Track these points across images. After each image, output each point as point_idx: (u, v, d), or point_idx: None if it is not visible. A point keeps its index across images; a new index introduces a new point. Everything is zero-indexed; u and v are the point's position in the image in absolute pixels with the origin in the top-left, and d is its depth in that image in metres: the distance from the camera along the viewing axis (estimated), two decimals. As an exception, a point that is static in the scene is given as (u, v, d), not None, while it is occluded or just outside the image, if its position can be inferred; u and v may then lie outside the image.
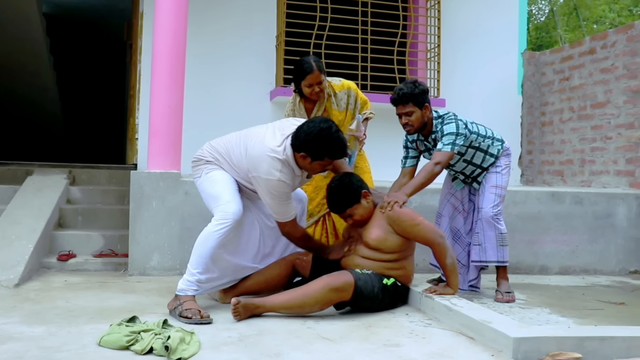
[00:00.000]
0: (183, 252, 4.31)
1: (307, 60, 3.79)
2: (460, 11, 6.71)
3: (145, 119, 5.75)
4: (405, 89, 3.67)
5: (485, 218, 3.77)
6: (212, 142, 3.50)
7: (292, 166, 3.23)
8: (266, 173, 3.16)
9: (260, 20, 6.24)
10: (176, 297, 3.16)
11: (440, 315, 3.09)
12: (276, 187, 3.17)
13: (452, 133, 3.64)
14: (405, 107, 3.68)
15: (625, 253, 5.24)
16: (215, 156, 3.41)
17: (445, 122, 3.71)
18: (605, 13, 18.85)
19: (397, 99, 3.70)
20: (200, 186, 3.43)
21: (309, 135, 3.13)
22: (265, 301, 3.10)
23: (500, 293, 3.76)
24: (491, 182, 3.82)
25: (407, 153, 4.00)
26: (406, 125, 3.73)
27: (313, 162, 3.20)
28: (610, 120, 5.78)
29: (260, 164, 3.18)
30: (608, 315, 3.48)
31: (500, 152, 3.87)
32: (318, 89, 3.81)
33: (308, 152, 3.16)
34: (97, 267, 4.49)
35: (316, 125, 3.15)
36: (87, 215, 5.12)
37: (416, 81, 3.75)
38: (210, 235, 3.19)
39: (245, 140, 3.32)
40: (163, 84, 4.39)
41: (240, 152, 3.31)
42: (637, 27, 5.55)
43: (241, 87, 6.14)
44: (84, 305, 3.34)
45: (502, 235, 3.78)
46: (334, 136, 3.16)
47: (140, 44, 5.98)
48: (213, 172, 3.38)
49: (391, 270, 3.36)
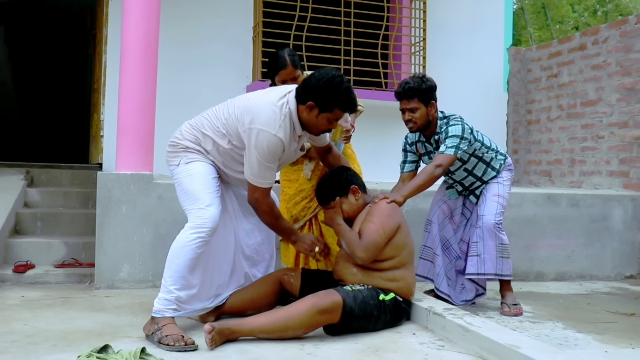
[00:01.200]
0: (156, 262, 3.90)
1: (281, 54, 3.44)
2: (445, 5, 6.42)
3: (112, 114, 5.31)
4: (412, 83, 3.39)
5: (486, 226, 3.48)
6: (191, 121, 3.08)
7: (294, 121, 2.87)
8: (264, 124, 2.78)
9: (237, 9, 5.83)
10: (153, 319, 2.76)
11: (454, 336, 2.76)
12: (269, 143, 2.79)
13: (457, 135, 3.36)
14: (409, 103, 3.39)
15: (620, 257, 5.03)
16: (195, 135, 2.98)
17: (450, 123, 3.43)
18: (568, 13, 18.96)
19: (401, 93, 3.41)
20: (177, 177, 3.00)
21: (320, 81, 2.80)
22: (242, 324, 2.71)
23: (506, 305, 3.49)
24: (493, 191, 3.57)
25: (405, 157, 3.72)
26: (409, 122, 3.44)
27: (320, 115, 2.84)
28: (602, 119, 5.56)
29: (260, 113, 2.80)
30: (625, 330, 3.23)
31: (502, 167, 3.64)
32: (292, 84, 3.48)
33: (317, 100, 2.80)
34: (59, 279, 4.04)
35: (328, 73, 2.84)
36: (48, 221, 4.65)
37: (424, 76, 3.47)
38: (185, 246, 2.80)
39: (239, 100, 2.94)
40: (133, 76, 3.97)
41: (231, 111, 2.91)
42: (631, 22, 5.34)
43: (216, 81, 5.73)
44: (45, 327, 2.90)
45: (502, 245, 3.49)
46: (345, 85, 2.83)
47: (105, 34, 5.51)
48: (193, 164, 2.95)
49: (390, 282, 3.02)
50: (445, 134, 3.42)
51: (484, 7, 6.60)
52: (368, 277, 3.00)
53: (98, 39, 6.06)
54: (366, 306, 2.85)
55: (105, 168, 5.37)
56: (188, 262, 2.80)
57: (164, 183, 3.93)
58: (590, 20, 18.84)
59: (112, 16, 5.42)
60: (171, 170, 3.05)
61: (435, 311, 2.97)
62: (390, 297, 2.98)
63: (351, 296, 2.82)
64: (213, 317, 3.08)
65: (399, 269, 3.07)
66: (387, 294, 2.98)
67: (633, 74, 5.27)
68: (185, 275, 2.81)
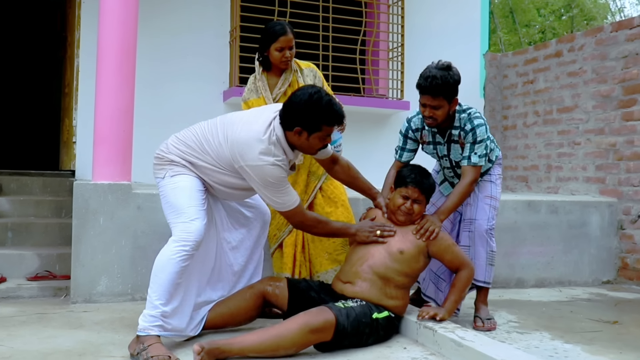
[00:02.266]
0: (136, 274, 3.79)
1: (277, 22, 3.53)
2: (423, 11, 6.41)
3: (85, 120, 5.19)
4: (439, 79, 3.07)
5: (478, 232, 3.41)
6: (179, 134, 3.00)
7: (284, 147, 2.82)
8: (257, 159, 2.73)
9: (213, 13, 5.72)
10: (138, 338, 2.66)
11: (446, 351, 2.73)
12: (271, 172, 2.74)
13: (485, 140, 3.23)
14: (434, 100, 3.12)
15: (598, 263, 5.09)
16: (182, 152, 2.90)
17: (475, 122, 3.22)
18: (535, 17, 19.26)
19: (427, 88, 3.10)
20: (162, 190, 2.92)
21: (299, 105, 2.74)
22: (232, 344, 2.61)
23: (480, 320, 3.38)
24: (485, 192, 3.47)
25: (404, 143, 3.48)
26: (429, 119, 3.21)
27: (310, 137, 2.79)
28: (579, 125, 5.62)
29: (249, 150, 2.74)
30: (612, 339, 3.24)
31: (496, 159, 3.55)
32: (289, 53, 3.52)
33: (303, 124, 2.75)
34: (33, 293, 3.88)
35: (304, 93, 2.77)
36: (19, 231, 4.49)
37: (449, 66, 3.15)
38: (169, 260, 2.71)
39: (224, 128, 2.86)
40: (111, 83, 3.84)
41: (219, 141, 2.84)
42: (606, 31, 5.41)
43: (191, 86, 5.60)
44: (22, 348, 2.77)
45: (492, 253, 3.46)
46: (325, 100, 2.77)
47: (77, 37, 5.35)
48: (179, 177, 2.88)
49: (390, 300, 2.97)
50: (472, 136, 3.21)
51: (460, 13, 6.62)
52: (371, 291, 2.95)
53: (69, 41, 5.89)
54: (359, 324, 2.79)
55: (79, 175, 5.21)
56: (173, 275, 2.71)
57: (143, 193, 3.82)
58: (556, 24, 19.18)
59: (85, 19, 5.27)
60: (157, 183, 2.98)
61: (425, 325, 2.93)
62: (384, 316, 2.93)
63: (344, 314, 2.76)
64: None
65: (405, 289, 3.06)
66: (381, 312, 2.93)
67: (609, 82, 5.33)
68: (170, 289, 2.72)
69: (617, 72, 5.25)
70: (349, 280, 3.02)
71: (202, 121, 3.04)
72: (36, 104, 8.30)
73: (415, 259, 3.02)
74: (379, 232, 3.04)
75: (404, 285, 3.03)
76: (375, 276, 2.96)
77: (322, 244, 3.55)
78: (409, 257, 3.00)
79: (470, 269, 3.10)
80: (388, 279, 2.97)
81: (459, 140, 3.31)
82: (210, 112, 5.59)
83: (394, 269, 2.97)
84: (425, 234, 3.03)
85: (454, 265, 3.10)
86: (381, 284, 2.96)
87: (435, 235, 3.03)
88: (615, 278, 5.14)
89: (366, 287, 2.95)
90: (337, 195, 3.66)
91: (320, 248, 3.56)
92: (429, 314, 2.99)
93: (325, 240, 3.54)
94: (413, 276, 3.08)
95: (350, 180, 3.31)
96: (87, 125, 5.15)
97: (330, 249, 3.55)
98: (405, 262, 2.99)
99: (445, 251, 3.06)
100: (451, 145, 3.37)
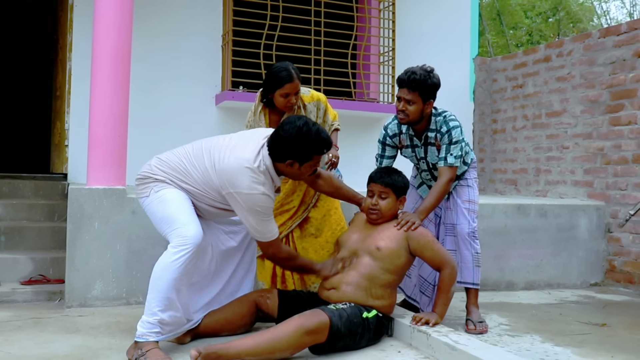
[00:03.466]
0: (130, 278, 3.81)
1: (284, 66, 3.39)
2: (414, 15, 6.47)
3: (78, 124, 5.20)
4: (418, 76, 3.26)
5: (461, 235, 3.50)
6: (161, 156, 3.00)
7: (273, 176, 2.87)
8: (248, 188, 2.76)
9: (205, 17, 5.74)
10: (136, 344, 2.68)
11: (440, 355, 2.78)
12: (260, 201, 2.79)
13: (460, 141, 3.34)
14: (409, 93, 3.27)
15: (586, 266, 5.17)
16: (167, 173, 2.92)
17: (450, 124, 3.35)
18: (522, 19, 19.42)
19: (405, 81, 3.28)
20: (149, 208, 2.93)
21: (290, 139, 2.78)
22: (229, 348, 2.64)
23: (472, 323, 3.44)
24: (463, 196, 3.56)
25: (383, 151, 3.59)
26: (401, 113, 3.33)
27: (302, 167, 2.86)
28: (567, 130, 5.70)
29: (239, 178, 2.76)
30: (601, 342, 3.31)
31: (471, 163, 3.63)
32: (294, 99, 3.43)
33: (294, 157, 2.81)
34: (27, 297, 3.89)
35: (292, 127, 2.80)
36: (12, 235, 4.48)
37: (432, 70, 3.34)
38: (168, 267, 2.71)
39: (209, 154, 2.88)
40: (105, 88, 3.86)
41: (205, 167, 2.86)
42: (594, 37, 5.49)
43: (183, 90, 5.62)
44: (19, 353, 2.79)
45: (477, 254, 3.53)
46: (314, 130, 2.82)
47: (70, 40, 5.34)
48: (164, 191, 2.89)
49: (376, 300, 3.02)
50: (448, 137, 3.33)
51: (450, 18, 6.68)
52: (357, 293, 2.99)
53: (61, 44, 5.89)
54: (351, 324, 2.84)
55: (71, 178, 5.21)
56: (172, 282, 2.71)
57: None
58: (543, 27, 19.35)
59: (78, 22, 5.27)
60: (142, 203, 2.99)
61: (419, 329, 2.97)
62: (373, 315, 2.98)
63: (336, 315, 2.81)
64: (189, 337, 3.01)
65: (391, 288, 3.10)
66: (370, 311, 2.98)
67: (597, 87, 5.42)
68: (169, 296, 2.72)
69: (605, 78, 5.34)
70: (333, 286, 3.07)
71: (185, 145, 3.04)
72: (25, 107, 8.25)
73: (397, 254, 3.06)
74: (340, 265, 3.10)
75: (389, 284, 3.07)
76: (360, 277, 3.01)
77: (316, 255, 3.58)
78: (388, 252, 3.04)
79: (452, 267, 3.12)
80: (372, 277, 3.02)
81: (435, 142, 3.42)
82: (203, 115, 5.67)
83: (376, 267, 3.03)
84: (405, 224, 3.08)
85: (434, 263, 3.14)
86: (366, 284, 3.01)
87: (416, 226, 3.08)
88: (602, 280, 5.22)
89: (351, 290, 3.01)
90: (330, 203, 3.70)
91: (315, 259, 3.58)
92: (422, 321, 3.04)
93: (319, 251, 3.58)
94: (397, 273, 3.10)
95: (334, 190, 3.36)
96: (80, 129, 5.17)
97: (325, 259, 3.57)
98: (386, 259, 3.04)
99: (425, 247, 3.09)
100: (428, 148, 3.48)
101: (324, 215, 3.64)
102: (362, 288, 3.00)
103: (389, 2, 6.21)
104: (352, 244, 3.17)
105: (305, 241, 3.62)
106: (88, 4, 5.10)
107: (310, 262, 3.24)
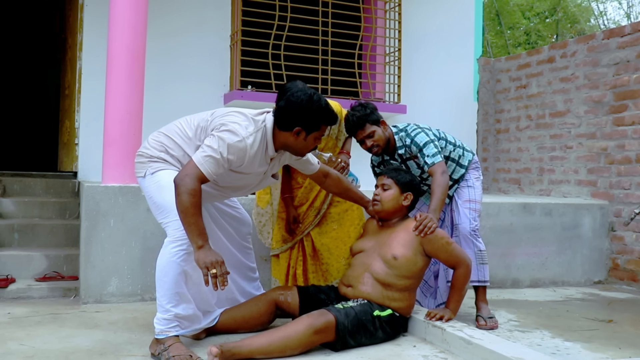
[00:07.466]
0: (145, 275, 3.87)
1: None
2: (419, 16, 6.54)
3: (88, 122, 5.25)
4: (357, 113, 3.46)
5: (463, 234, 3.57)
6: (161, 128, 2.99)
7: (268, 140, 2.80)
8: (236, 128, 2.67)
9: (214, 16, 5.79)
10: (157, 340, 2.73)
11: (455, 349, 2.84)
12: (233, 142, 2.64)
13: (428, 142, 3.45)
14: (364, 130, 3.47)
15: (590, 263, 5.25)
16: (162, 142, 2.88)
17: (412, 134, 3.52)
18: (520, 19, 19.51)
19: (354, 125, 3.48)
20: (146, 190, 2.90)
21: (301, 105, 2.71)
22: (242, 346, 2.68)
23: (482, 319, 3.51)
24: (464, 197, 3.64)
25: (376, 176, 3.73)
26: (373, 147, 3.50)
27: (308, 137, 2.81)
28: (571, 130, 5.78)
29: (234, 121, 2.71)
30: (609, 337, 3.38)
31: (470, 164, 3.71)
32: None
33: (303, 124, 2.75)
34: (43, 294, 3.94)
35: (304, 93, 2.74)
36: (25, 232, 4.53)
37: (362, 103, 3.54)
38: (170, 263, 2.70)
39: (209, 113, 2.88)
40: (121, 87, 3.92)
41: (204, 116, 2.84)
42: (598, 38, 5.57)
43: (192, 89, 5.66)
44: (42, 347, 2.84)
45: (481, 252, 3.59)
46: (323, 100, 2.81)
47: (80, 39, 5.39)
48: (159, 174, 2.82)
49: (392, 302, 3.08)
50: (416, 147, 3.48)
51: (455, 19, 6.75)
52: (374, 293, 3.05)
53: (70, 43, 5.93)
54: (359, 322, 2.90)
55: (81, 177, 5.26)
56: (176, 277, 2.71)
57: (153, 195, 3.89)
58: (541, 27, 19.44)
59: (88, 22, 5.31)
60: (139, 181, 2.95)
61: (434, 324, 3.04)
62: (387, 314, 3.04)
63: (343, 314, 2.87)
64: (204, 334, 3.05)
65: (407, 291, 3.14)
66: (384, 310, 3.04)
67: (600, 88, 5.49)
68: (178, 290, 2.74)
69: (609, 79, 5.41)
70: (351, 284, 3.14)
71: None
72: (32, 105, 8.28)
73: (413, 262, 3.09)
74: (214, 271, 2.56)
75: (406, 288, 3.12)
76: (375, 282, 3.07)
77: (338, 250, 3.64)
78: (404, 261, 3.07)
79: (466, 265, 3.17)
80: (389, 284, 3.06)
81: (410, 156, 3.57)
82: (212, 114, 5.71)
83: (393, 275, 3.07)
84: (423, 229, 3.11)
85: (450, 264, 3.20)
86: (382, 288, 3.06)
87: (433, 230, 3.11)
88: (606, 278, 5.30)
89: (366, 289, 3.07)
90: None
91: (336, 254, 3.63)
92: (437, 316, 3.11)
93: (341, 246, 3.64)
94: (415, 277, 3.16)
95: (342, 192, 3.41)
96: (90, 127, 5.23)
97: (346, 254, 3.63)
98: (402, 267, 3.07)
99: (440, 250, 3.14)
100: (407, 163, 3.62)
101: (346, 210, 3.70)
102: (377, 290, 3.06)
103: (395, 3, 6.27)
104: (366, 253, 3.21)
105: (325, 237, 3.67)
106: (99, 3, 5.17)
107: (202, 230, 2.64)
